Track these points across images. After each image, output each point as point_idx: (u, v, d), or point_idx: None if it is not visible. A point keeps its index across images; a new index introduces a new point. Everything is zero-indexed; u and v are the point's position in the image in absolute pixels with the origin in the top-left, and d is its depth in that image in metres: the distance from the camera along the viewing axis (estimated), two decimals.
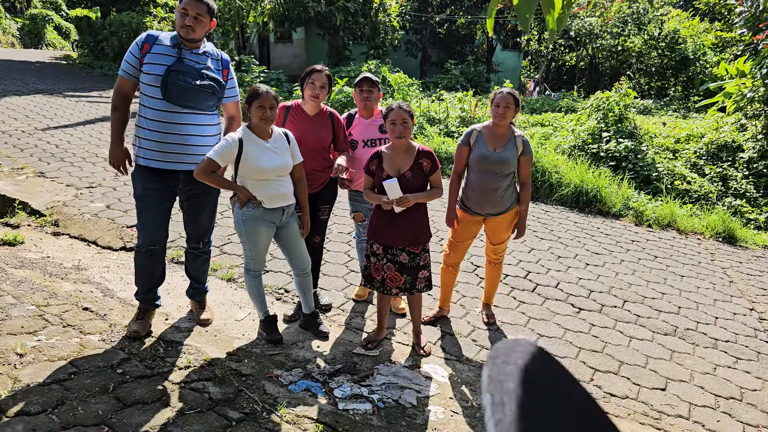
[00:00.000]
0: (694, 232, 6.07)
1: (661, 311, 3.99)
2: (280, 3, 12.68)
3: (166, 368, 2.71)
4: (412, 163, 2.85)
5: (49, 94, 10.17)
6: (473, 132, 3.20)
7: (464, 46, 20.96)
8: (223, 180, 2.80)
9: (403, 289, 2.98)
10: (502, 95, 3.09)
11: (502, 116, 3.08)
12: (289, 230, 2.99)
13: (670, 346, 3.52)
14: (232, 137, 2.74)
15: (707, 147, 8.03)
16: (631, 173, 7.29)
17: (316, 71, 3.12)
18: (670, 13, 16.67)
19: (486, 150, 3.13)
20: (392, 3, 17.30)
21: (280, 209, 2.88)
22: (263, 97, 2.71)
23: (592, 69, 18.58)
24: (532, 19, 1.90)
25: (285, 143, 2.87)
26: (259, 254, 2.96)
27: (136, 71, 2.79)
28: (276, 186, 2.84)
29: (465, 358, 3.15)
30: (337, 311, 3.55)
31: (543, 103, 13.71)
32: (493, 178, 3.14)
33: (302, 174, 2.98)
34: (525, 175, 3.25)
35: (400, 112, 2.77)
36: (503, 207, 3.21)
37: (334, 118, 3.28)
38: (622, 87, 8.73)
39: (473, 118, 9.21)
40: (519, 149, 3.16)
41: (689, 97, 14.67)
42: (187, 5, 2.70)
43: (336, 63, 16.12)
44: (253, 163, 2.75)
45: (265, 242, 2.95)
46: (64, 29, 25.36)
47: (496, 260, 3.48)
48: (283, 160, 2.83)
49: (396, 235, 2.89)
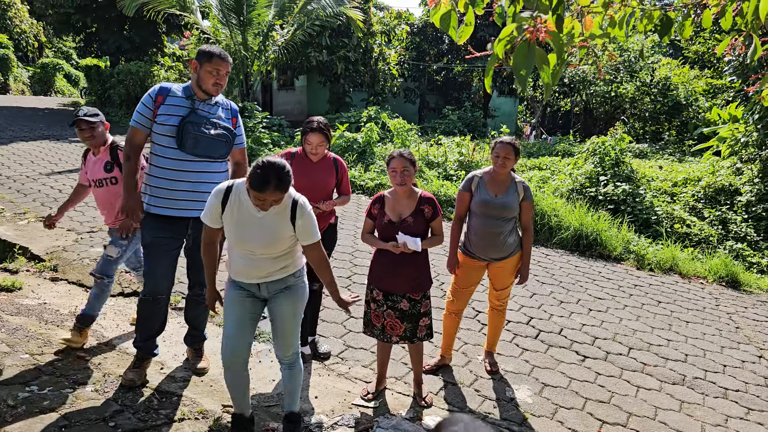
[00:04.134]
0: (697, 276, 6.02)
1: (667, 359, 3.91)
2: (283, 53, 13.14)
3: (160, 421, 2.63)
4: (414, 209, 2.88)
5: (55, 140, 10.36)
6: (474, 178, 3.25)
7: (461, 93, 21.57)
8: (210, 271, 2.47)
9: (403, 337, 2.93)
10: (503, 145, 3.14)
11: (502, 165, 3.15)
12: (276, 306, 2.45)
13: (679, 396, 3.42)
14: (217, 188, 2.33)
15: (705, 190, 8.10)
16: (630, 216, 7.31)
17: (312, 130, 3.12)
18: (660, 61, 17.26)
19: (488, 195, 3.18)
20: (391, 53, 17.96)
21: (255, 284, 2.43)
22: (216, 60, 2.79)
23: (586, 114, 19.05)
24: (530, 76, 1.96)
25: (285, 216, 2.30)
26: (232, 324, 2.40)
27: (149, 122, 2.84)
28: (252, 261, 2.35)
29: (468, 409, 3.06)
30: (336, 359, 3.47)
31: (540, 147, 13.95)
32: (495, 223, 3.17)
33: (322, 254, 2.42)
34: (526, 220, 3.28)
35: (401, 160, 2.81)
36: (506, 252, 3.23)
37: (338, 164, 3.34)
38: (618, 131, 8.91)
39: (471, 162, 9.34)
40: (520, 195, 3.21)
41: (684, 141, 14.97)
42: (218, 65, 2.81)
43: (336, 109, 16.56)
44: (228, 229, 2.34)
45: (239, 314, 2.41)
46: (74, 77, 26.16)
47: (500, 306, 3.45)
48: (271, 236, 2.30)
49: (397, 281, 2.87)
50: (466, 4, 1.74)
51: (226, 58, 2.87)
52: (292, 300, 2.47)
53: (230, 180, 2.41)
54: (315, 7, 12.62)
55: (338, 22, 13.87)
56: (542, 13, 1.57)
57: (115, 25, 17.83)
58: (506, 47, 1.57)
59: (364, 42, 16.18)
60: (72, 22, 17.61)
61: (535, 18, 1.49)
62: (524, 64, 1.47)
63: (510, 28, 1.53)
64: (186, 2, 11.96)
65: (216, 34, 12.53)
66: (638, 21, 2.43)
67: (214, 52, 2.83)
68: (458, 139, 10.65)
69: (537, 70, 1.61)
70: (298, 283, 2.51)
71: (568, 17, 2.08)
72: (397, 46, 19.70)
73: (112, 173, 3.25)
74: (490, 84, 1.88)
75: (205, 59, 2.82)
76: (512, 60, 1.48)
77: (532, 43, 1.46)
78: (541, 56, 1.51)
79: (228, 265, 2.47)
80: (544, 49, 1.60)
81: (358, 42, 15.97)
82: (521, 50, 1.47)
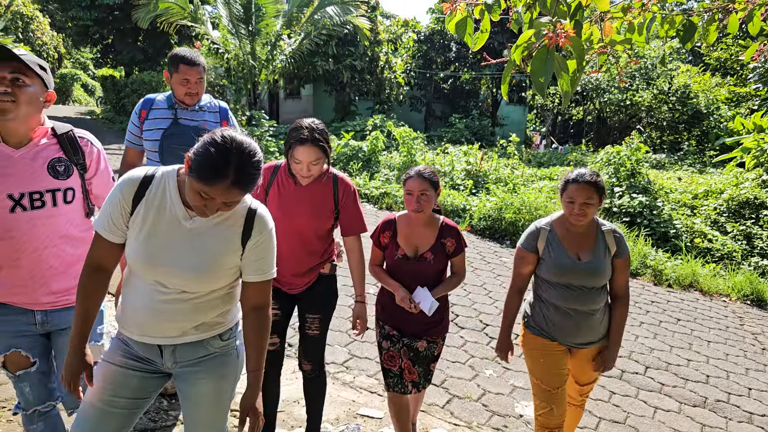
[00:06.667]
0: (719, 293, 5.81)
1: (687, 379, 3.74)
2: (290, 62, 13.21)
3: (169, 422, 2.61)
4: (434, 243, 2.32)
5: None
6: (541, 232, 2.30)
7: (468, 101, 21.50)
8: (84, 313, 1.51)
9: (416, 383, 2.37)
10: (579, 187, 2.15)
11: (581, 214, 2.17)
12: (188, 385, 1.58)
13: (699, 419, 3.25)
14: (129, 175, 1.50)
15: (728, 203, 7.81)
16: (647, 230, 7.12)
17: (301, 142, 2.02)
18: (679, 68, 16.95)
19: (567, 258, 2.23)
20: (397, 61, 17.98)
21: (155, 346, 1.53)
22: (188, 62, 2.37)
23: (600, 123, 18.82)
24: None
25: (233, 232, 1.50)
26: (93, 413, 1.49)
27: (139, 140, 2.68)
28: (160, 304, 1.47)
29: (475, 424, 2.95)
30: (340, 368, 3.40)
31: (550, 156, 13.78)
32: (583, 296, 2.23)
33: (263, 303, 1.57)
34: (621, 284, 2.31)
35: (418, 181, 2.22)
36: (600, 333, 2.31)
37: (339, 185, 2.23)
38: (633, 141, 8.72)
39: (479, 172, 9.18)
40: (612, 249, 2.26)
41: (704, 151, 14.63)
42: (186, 74, 2.52)
43: (342, 117, 16.62)
44: (133, 244, 1.47)
45: (109, 395, 1.50)
46: (90, 87, 26.72)
47: (581, 403, 2.55)
48: (204, 260, 1.46)
49: (413, 322, 2.34)
50: (482, 10, 1.66)
51: (194, 61, 2.52)
52: (213, 377, 1.57)
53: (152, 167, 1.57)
54: (322, 16, 12.70)
55: (345, 30, 13.97)
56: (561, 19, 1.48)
57: (130, 36, 18.24)
58: (523, 53, 1.47)
59: (371, 50, 16.25)
60: (90, 33, 18.11)
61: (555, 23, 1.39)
62: (543, 70, 1.37)
63: (528, 34, 1.44)
64: (197, 14, 12.11)
65: (225, 44, 12.65)
66: (659, 26, 2.31)
67: (179, 58, 2.51)
68: (465, 147, 10.54)
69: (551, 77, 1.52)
70: (228, 350, 1.61)
71: (587, 23, 1.98)
72: (403, 54, 19.75)
73: (68, 181, 1.74)
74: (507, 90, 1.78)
75: (172, 68, 2.54)
76: (530, 66, 1.39)
77: (551, 49, 1.37)
78: (560, 62, 1.42)
79: (122, 308, 1.56)
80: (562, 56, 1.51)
81: (365, 50, 16.04)
82: (540, 56, 1.38)
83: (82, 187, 1.78)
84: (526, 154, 13.42)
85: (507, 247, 6.76)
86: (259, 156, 1.39)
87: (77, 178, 1.76)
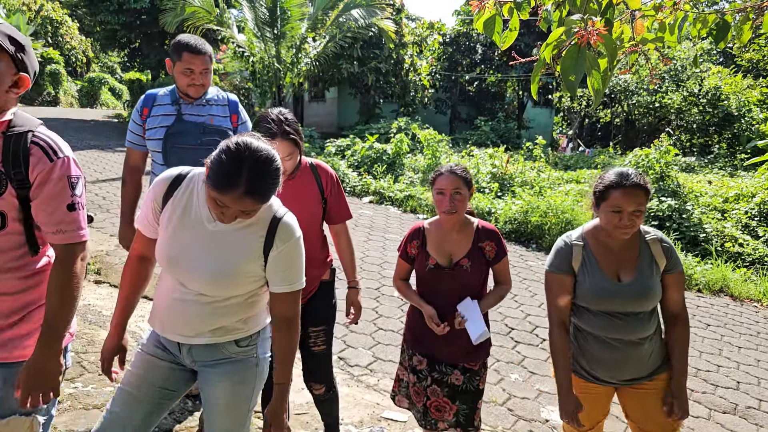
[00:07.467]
0: (750, 298, 5.66)
1: (717, 386, 3.66)
2: (315, 65, 13.36)
3: (194, 422, 2.66)
4: (470, 248, 2.04)
5: (101, 149, 10.83)
6: (574, 248, 1.87)
7: (494, 103, 21.34)
8: (124, 301, 1.63)
9: (454, 423, 2.09)
10: (627, 192, 1.73)
11: (630, 227, 1.75)
12: (207, 385, 1.57)
13: (730, 425, 3.18)
14: (165, 174, 1.54)
15: (760, 207, 7.62)
16: (676, 234, 6.98)
17: (271, 135, 1.81)
18: (710, 69, 16.54)
19: (606, 281, 1.82)
20: (422, 63, 17.99)
21: (174, 342, 1.56)
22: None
23: (628, 125, 18.47)
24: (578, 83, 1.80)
25: (256, 240, 1.46)
26: (124, 398, 1.53)
27: (141, 140, 2.45)
28: (180, 303, 1.49)
29: (500, 429, 2.94)
30: (364, 371, 3.42)
31: (577, 159, 13.59)
32: (627, 324, 1.81)
33: (290, 315, 1.53)
34: (677, 301, 1.86)
35: (450, 178, 1.99)
36: (651, 367, 1.87)
37: (320, 173, 2.11)
38: (662, 144, 8.55)
39: (505, 174, 9.13)
40: (660, 263, 1.83)
41: (735, 154, 14.25)
42: (190, 62, 2.28)
43: (367, 120, 16.71)
44: (159, 238, 1.51)
45: (139, 382, 1.55)
46: (118, 90, 27.57)
47: None
48: (223, 265, 1.44)
49: (447, 346, 2.03)
50: (511, 8, 1.67)
51: (199, 49, 2.29)
52: (229, 382, 1.55)
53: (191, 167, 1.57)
54: (347, 19, 12.82)
55: (370, 33, 14.03)
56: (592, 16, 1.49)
57: (157, 40, 18.72)
58: (553, 52, 1.49)
59: (396, 53, 16.29)
60: (117, 37, 18.65)
61: (586, 20, 1.41)
62: (574, 68, 1.38)
63: (558, 32, 1.45)
64: (223, 17, 12.36)
65: (251, 47, 12.88)
66: (691, 25, 2.29)
67: (182, 45, 2.28)
68: (491, 150, 10.49)
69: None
70: (246, 357, 1.58)
71: (617, 21, 1.98)
72: (428, 57, 19.73)
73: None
74: (536, 90, 1.79)
75: (175, 56, 2.30)
76: (560, 65, 1.40)
77: (582, 47, 1.38)
78: (592, 60, 1.43)
79: (153, 303, 1.63)
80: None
81: (390, 53, 16.09)
82: (570, 54, 1.39)
83: (20, 211, 1.35)
84: (553, 157, 13.28)
85: (533, 251, 6.72)
86: (277, 163, 1.34)
87: (11, 197, 1.32)
